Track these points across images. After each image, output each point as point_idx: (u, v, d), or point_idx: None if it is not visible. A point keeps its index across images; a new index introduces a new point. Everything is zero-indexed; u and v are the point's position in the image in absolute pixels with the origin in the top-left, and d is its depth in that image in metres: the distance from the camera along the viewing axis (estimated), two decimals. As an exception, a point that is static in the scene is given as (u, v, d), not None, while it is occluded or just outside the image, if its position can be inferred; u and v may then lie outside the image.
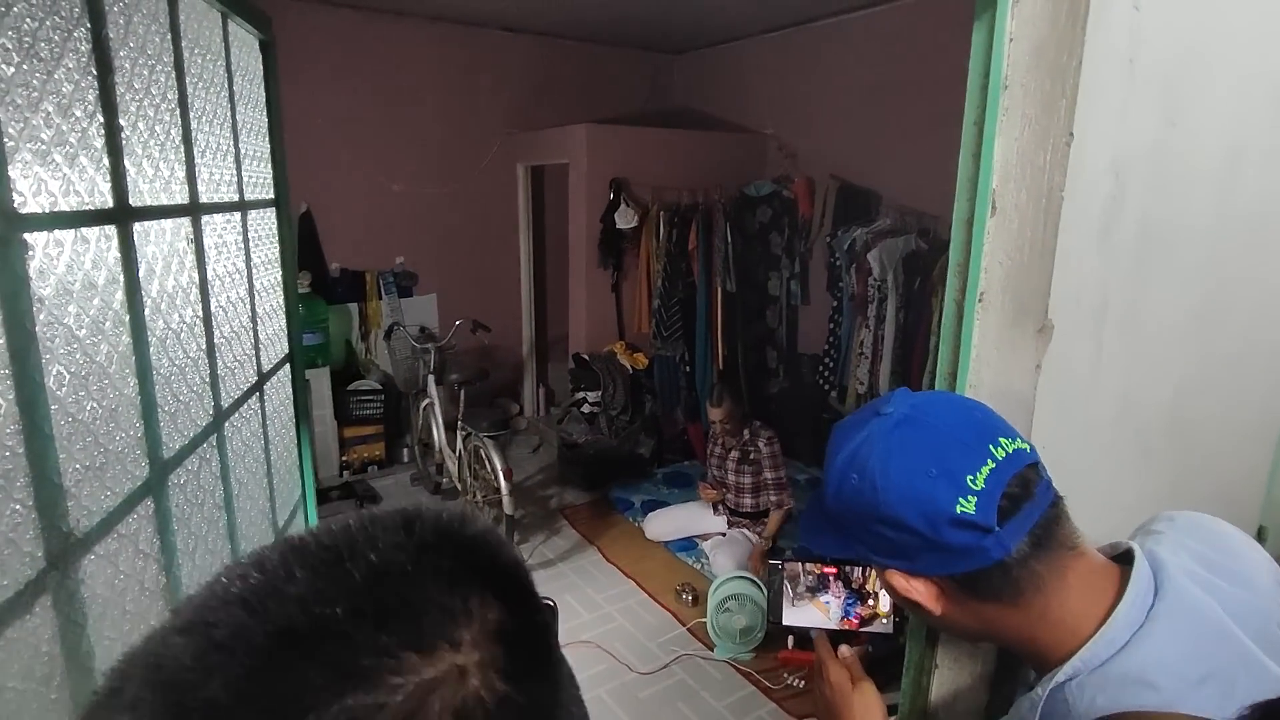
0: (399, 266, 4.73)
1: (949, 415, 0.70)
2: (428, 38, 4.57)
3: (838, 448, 0.73)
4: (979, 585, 0.67)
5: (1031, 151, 0.96)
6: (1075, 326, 1.02)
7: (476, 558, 0.36)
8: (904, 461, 0.66)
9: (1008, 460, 0.66)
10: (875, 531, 0.69)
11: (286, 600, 0.31)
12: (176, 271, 1.03)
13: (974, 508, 0.63)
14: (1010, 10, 0.93)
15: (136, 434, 0.89)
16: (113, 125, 0.83)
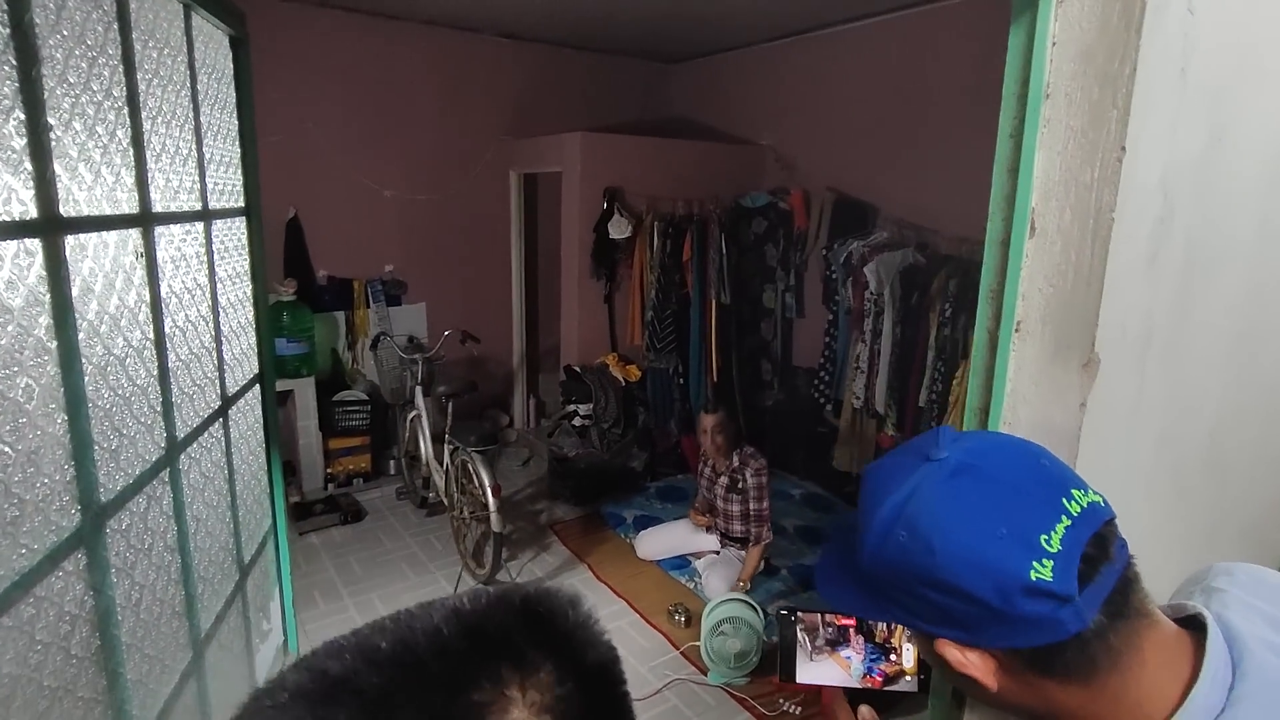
0: (388, 274, 4.62)
1: (1012, 463, 0.61)
2: (421, 42, 4.48)
3: (877, 498, 0.63)
4: (1048, 661, 0.58)
5: (1077, 167, 0.87)
6: (1120, 359, 0.93)
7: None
8: (966, 519, 0.57)
9: (1083, 516, 0.57)
10: (926, 598, 0.59)
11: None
12: (122, 290, 0.92)
13: (1051, 574, 0.54)
14: (1053, 11, 0.83)
15: (65, 478, 0.78)
16: (38, 124, 0.73)
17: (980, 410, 0.96)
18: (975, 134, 3.73)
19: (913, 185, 4.07)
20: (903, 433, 3.90)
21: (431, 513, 4.09)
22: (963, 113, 3.84)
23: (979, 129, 3.83)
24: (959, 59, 3.83)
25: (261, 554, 1.50)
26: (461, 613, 0.40)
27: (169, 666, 1.03)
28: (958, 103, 3.85)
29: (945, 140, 3.92)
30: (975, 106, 3.76)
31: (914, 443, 0.67)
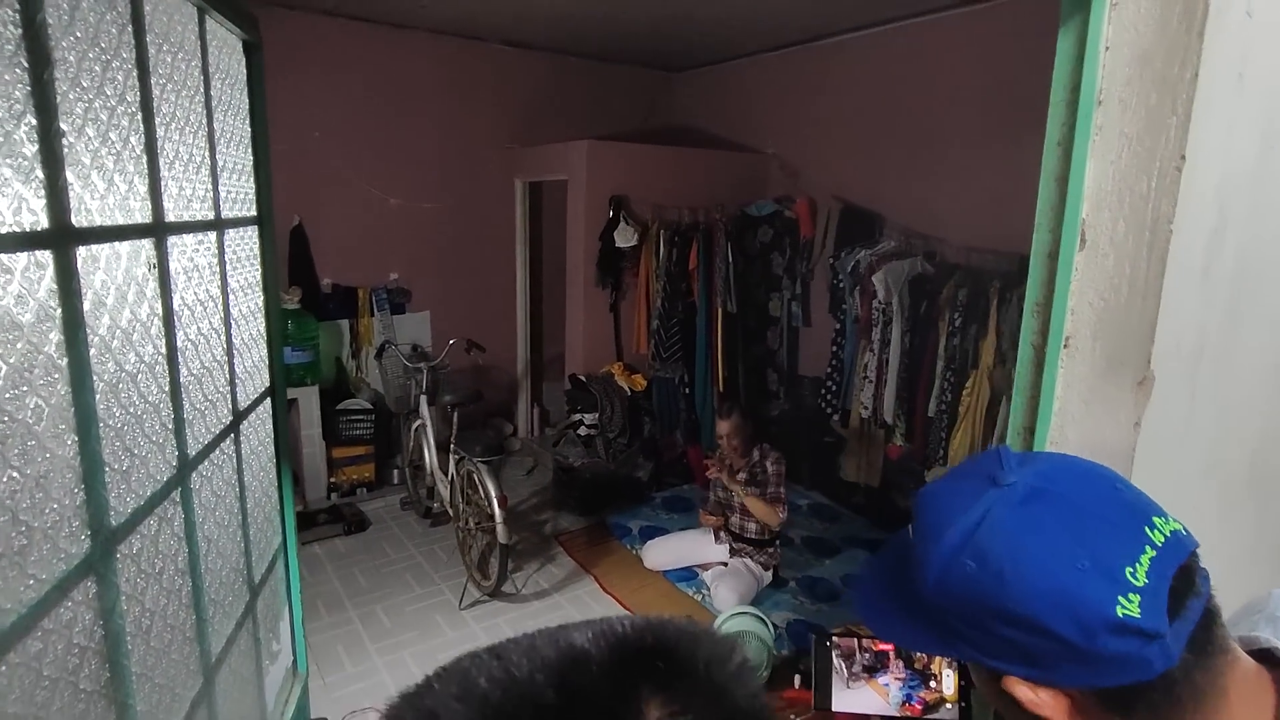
0: (393, 282, 4.59)
1: (1088, 488, 0.58)
2: (427, 50, 4.47)
3: (938, 525, 0.59)
4: (1130, 701, 0.54)
5: (1132, 177, 0.83)
6: (1173, 376, 0.89)
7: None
8: (1044, 549, 0.54)
9: (1168, 546, 0.54)
10: (997, 633, 0.56)
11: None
12: (134, 303, 0.88)
13: (1138, 609, 0.51)
14: (1106, 14, 0.80)
15: (75, 502, 0.74)
16: (49, 129, 0.69)
17: (1025, 429, 0.92)
18: (981, 142, 3.74)
19: (919, 194, 4.05)
20: (911, 443, 3.86)
21: (436, 523, 4.04)
22: (968, 121, 3.82)
23: (985, 137, 3.82)
24: (963, 67, 3.82)
25: (271, 572, 1.46)
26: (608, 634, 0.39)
27: (179, 695, 0.99)
28: (963, 111, 3.83)
29: (951, 149, 3.90)
30: (981, 115, 3.75)
31: (972, 466, 0.64)
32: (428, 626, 3.15)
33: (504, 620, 3.21)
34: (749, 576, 3.34)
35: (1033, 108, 3.16)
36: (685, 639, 0.40)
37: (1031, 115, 3.39)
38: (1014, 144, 3.59)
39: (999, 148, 3.67)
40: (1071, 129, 0.84)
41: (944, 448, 3.62)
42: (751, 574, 3.35)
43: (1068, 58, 0.85)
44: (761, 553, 3.41)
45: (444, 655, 1.66)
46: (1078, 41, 0.82)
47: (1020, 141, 3.54)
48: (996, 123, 3.69)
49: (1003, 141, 3.65)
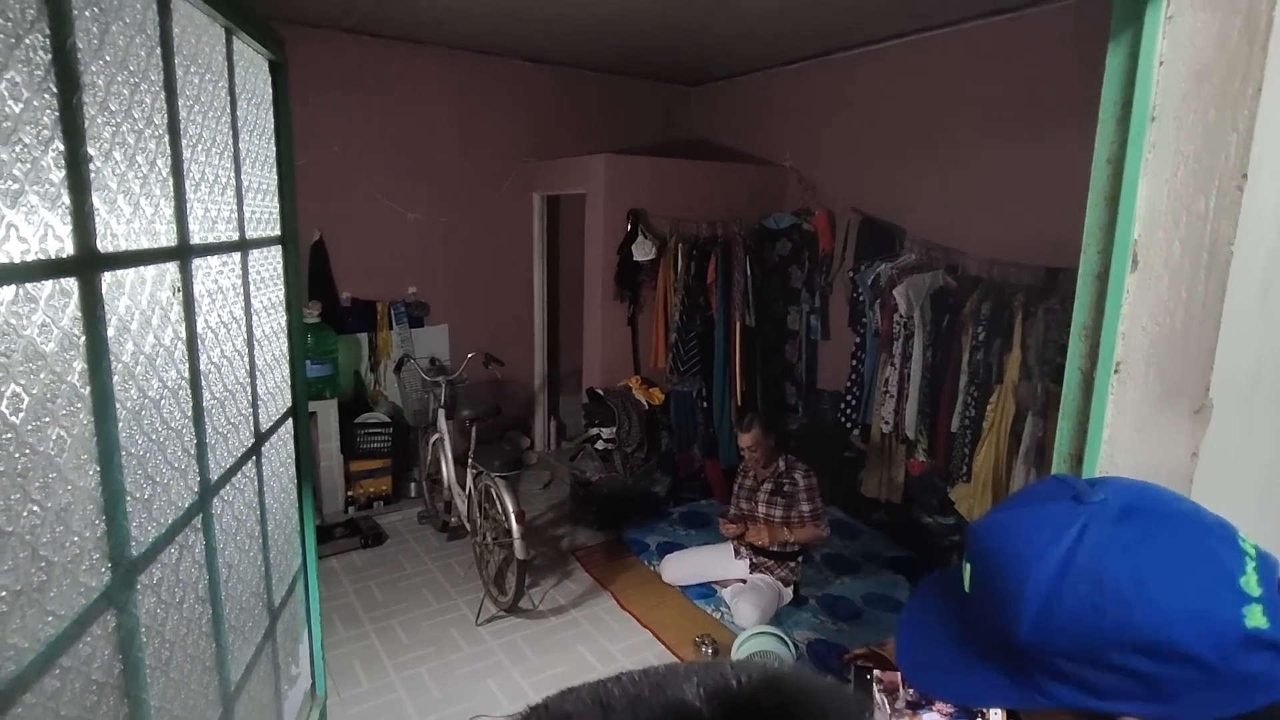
0: (411, 296, 4.60)
1: (1174, 501, 0.54)
2: (445, 66, 4.50)
3: (1026, 555, 0.54)
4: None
5: (1189, 196, 0.79)
6: (1230, 403, 0.85)
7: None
8: (1166, 565, 0.49)
9: (1261, 557, 0.51)
10: (1118, 665, 0.50)
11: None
12: (158, 327, 0.87)
13: (1265, 619, 0.47)
14: (1161, 28, 0.76)
15: (95, 534, 0.73)
16: (77, 155, 0.68)
17: (1072, 456, 0.89)
18: (1002, 154, 3.69)
19: (940, 206, 4.01)
20: (934, 459, 3.80)
21: (453, 537, 4.03)
22: (988, 132, 3.78)
23: (1006, 149, 3.77)
24: (983, 79, 3.78)
25: (291, 594, 1.44)
26: (719, 691, 0.36)
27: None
28: (983, 122, 3.79)
29: (971, 161, 3.86)
30: (1001, 126, 3.71)
31: (1038, 491, 0.59)
32: (444, 642, 3.13)
33: (521, 637, 3.18)
34: (770, 593, 3.29)
35: (1055, 118, 3.13)
36: (806, 698, 0.37)
37: (1054, 125, 3.36)
38: (1037, 155, 3.56)
39: (1021, 159, 3.63)
40: (1122, 146, 0.81)
41: (967, 464, 3.56)
42: (772, 590, 3.31)
43: (1118, 73, 0.82)
44: (783, 567, 3.36)
45: (461, 672, 1.63)
46: (1129, 56, 0.79)
47: (1043, 153, 3.52)
48: (1018, 134, 3.65)
49: (1025, 153, 3.61)
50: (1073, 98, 3.41)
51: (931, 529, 3.90)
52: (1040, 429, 3.29)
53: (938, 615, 0.66)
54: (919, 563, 3.83)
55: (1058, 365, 3.20)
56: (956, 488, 3.66)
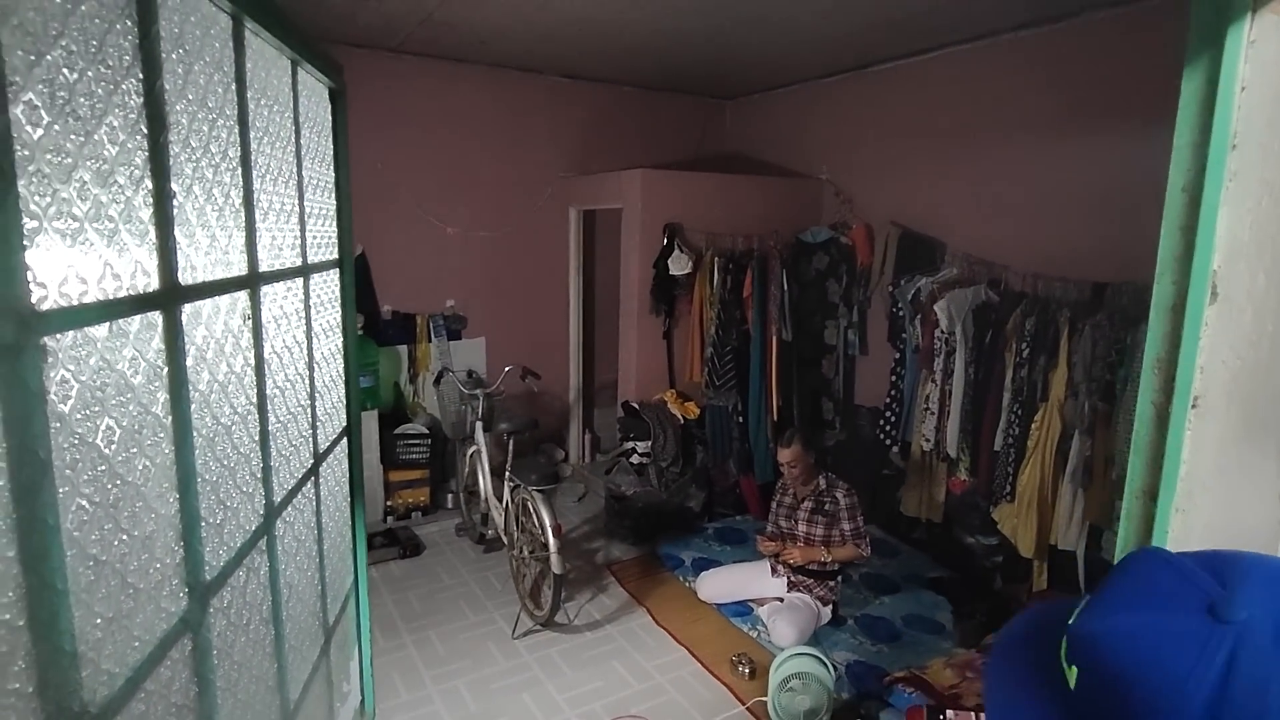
0: (449, 309, 4.66)
1: None
2: (485, 83, 4.57)
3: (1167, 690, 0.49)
4: None
5: (1274, 227, 0.76)
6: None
7: None
8: None
9: None
10: None
11: None
12: (230, 355, 0.90)
13: None
14: (1243, 54, 0.74)
15: (174, 560, 0.75)
16: (163, 192, 0.70)
17: (1145, 494, 0.86)
18: (1045, 166, 3.62)
19: (980, 220, 3.94)
20: (976, 477, 3.72)
21: (489, 549, 4.06)
22: (1027, 145, 3.71)
23: (1048, 161, 3.70)
24: (1019, 92, 3.73)
25: (344, 612, 1.46)
26: None
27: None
28: (1021, 135, 3.73)
29: (1010, 174, 3.79)
30: (1042, 138, 3.64)
31: (1156, 588, 0.53)
32: (481, 655, 3.14)
33: (556, 651, 3.18)
34: (808, 611, 3.25)
35: (1096, 129, 3.06)
36: None
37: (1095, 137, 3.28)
38: (1078, 168, 3.49)
39: (1062, 171, 3.56)
40: (1199, 175, 0.79)
41: (1010, 483, 3.48)
42: (811, 609, 3.27)
43: (1194, 99, 0.80)
44: (822, 585, 3.32)
45: (497, 686, 1.63)
46: (1207, 82, 0.77)
47: (1085, 165, 3.45)
48: (1058, 146, 3.58)
49: (1066, 165, 3.54)
50: (1114, 108, 3.34)
51: (973, 549, 3.82)
52: (1087, 448, 3.21)
53: (1035, 697, 0.60)
54: (959, 583, 3.75)
55: (1106, 383, 3.12)
56: (1000, 507, 3.58)
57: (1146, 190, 3.28)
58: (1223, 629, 0.48)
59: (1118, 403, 3.07)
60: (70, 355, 0.57)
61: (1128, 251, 3.29)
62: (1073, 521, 3.32)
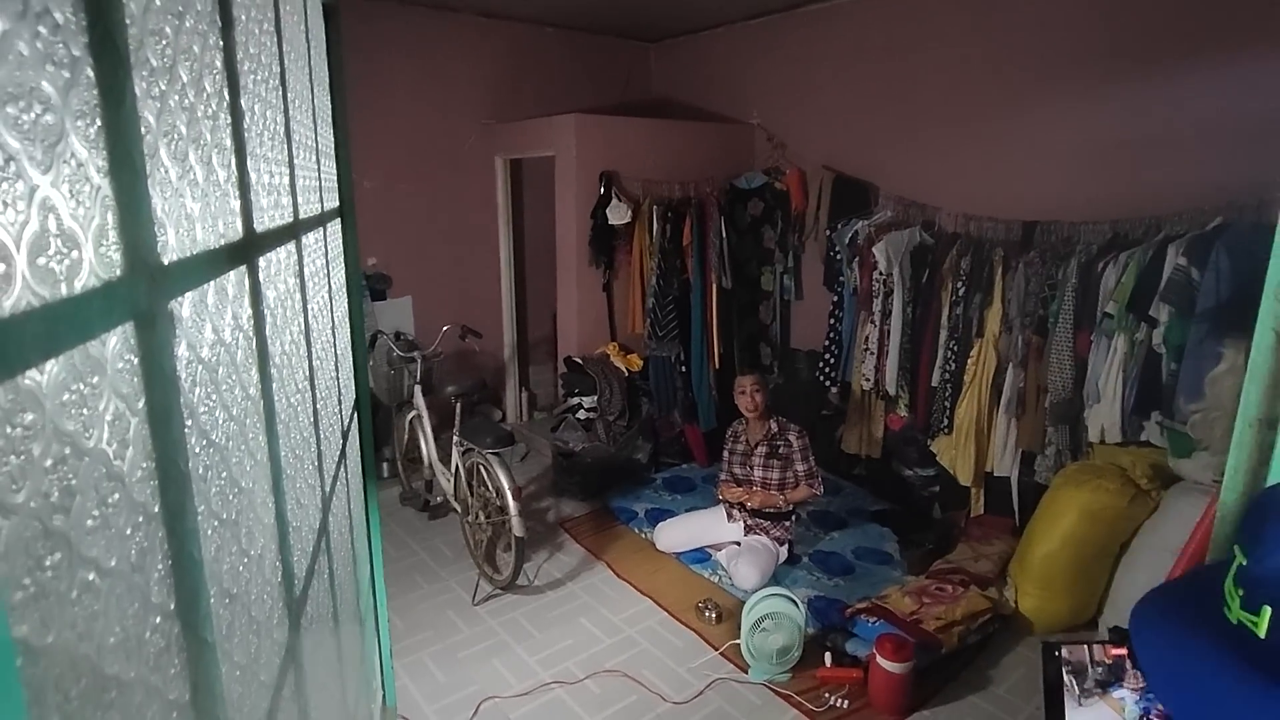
0: (371, 268, 4.34)
1: None
2: (395, 23, 4.20)
3: None
4: None
5: None
6: None
7: None
8: None
9: None
10: None
11: None
12: (291, 320, 0.73)
13: None
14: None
15: (277, 579, 0.60)
16: (237, 108, 0.54)
17: (1262, 421, 0.86)
18: (975, 108, 3.71)
19: (913, 162, 4.02)
20: (914, 413, 3.87)
21: (434, 516, 3.90)
22: (958, 88, 3.79)
23: (978, 102, 3.79)
24: (951, 36, 3.78)
25: (367, 605, 1.31)
26: None
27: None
28: (953, 77, 3.80)
29: (941, 117, 3.87)
30: (973, 79, 3.72)
31: None
32: (442, 625, 3.03)
33: (521, 614, 3.11)
34: (767, 553, 3.32)
35: (1027, 74, 3.14)
36: None
37: (1025, 81, 3.37)
38: (1008, 112, 3.59)
39: (994, 113, 3.65)
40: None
41: (948, 416, 3.64)
42: (769, 550, 3.34)
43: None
44: (778, 526, 3.39)
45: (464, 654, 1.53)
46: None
47: (1015, 109, 3.55)
48: (988, 90, 3.67)
49: (998, 106, 3.63)
50: (1047, 54, 3.44)
51: (911, 481, 4.00)
52: (1021, 380, 3.39)
53: (1200, 648, 0.59)
54: (901, 514, 3.92)
55: (1038, 317, 3.28)
56: (938, 440, 3.74)
57: (1074, 133, 3.41)
58: None
59: (1049, 336, 3.24)
60: (191, 326, 0.42)
61: (1055, 191, 3.44)
62: (1007, 449, 3.52)
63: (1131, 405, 2.97)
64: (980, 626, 2.83)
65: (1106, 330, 3.02)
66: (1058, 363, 3.21)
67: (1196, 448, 2.74)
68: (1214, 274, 2.66)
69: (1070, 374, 3.15)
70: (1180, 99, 3.02)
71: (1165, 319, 2.82)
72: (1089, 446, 3.19)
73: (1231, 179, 2.81)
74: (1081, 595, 2.90)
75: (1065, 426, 3.26)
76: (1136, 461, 2.95)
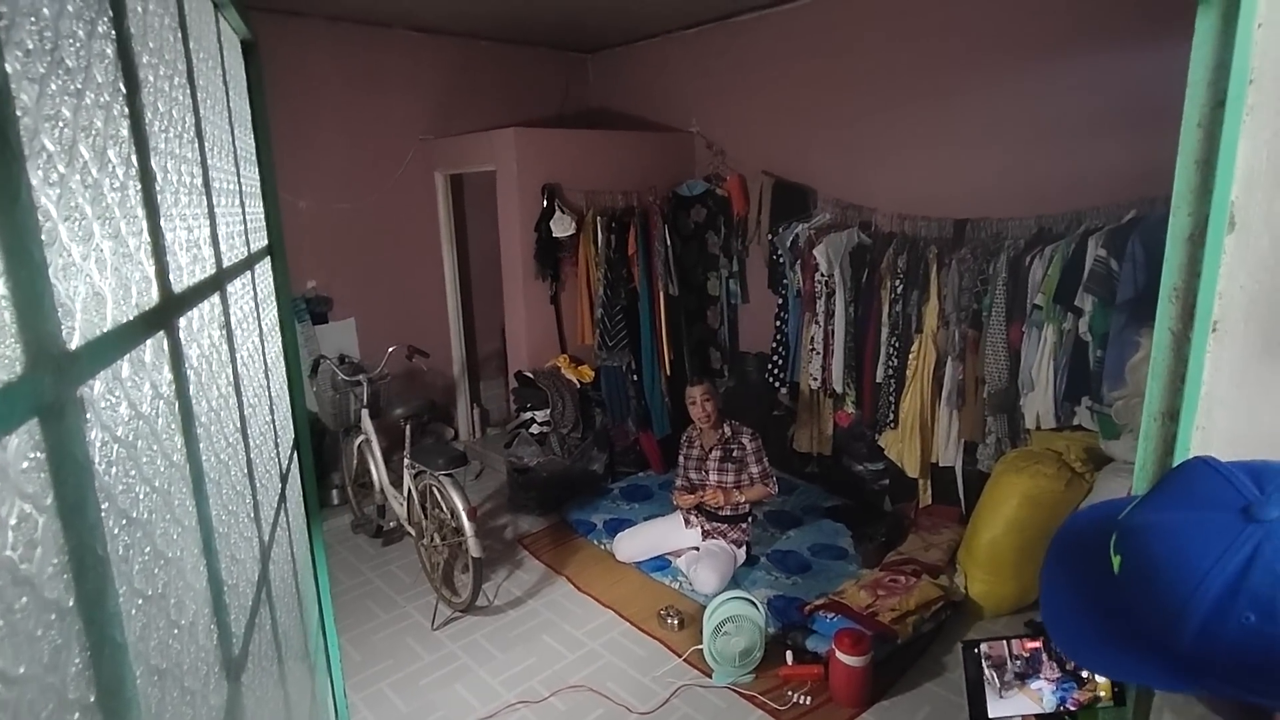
0: (310, 291, 4.24)
1: None
2: (326, 40, 4.10)
3: (1187, 570, 0.54)
4: None
5: (1292, 157, 0.81)
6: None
7: None
8: None
9: None
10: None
11: None
12: (217, 373, 0.71)
13: None
14: (1262, -11, 0.77)
15: (212, 643, 0.58)
16: (147, 171, 0.52)
17: (1165, 414, 0.92)
18: (903, 111, 3.83)
19: (846, 166, 4.13)
20: (861, 409, 3.97)
21: (388, 542, 3.83)
22: (884, 92, 3.90)
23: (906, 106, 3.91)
24: (876, 41, 3.89)
25: (317, 647, 1.27)
26: None
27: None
28: (878, 82, 3.91)
29: (870, 120, 3.98)
30: (900, 83, 3.84)
31: (1196, 490, 0.59)
32: (402, 653, 2.98)
33: (482, 635, 3.08)
34: (725, 556, 3.35)
35: (949, 75, 3.25)
36: None
37: (948, 82, 3.49)
38: (933, 113, 3.72)
39: (923, 112, 3.77)
40: (1214, 109, 0.82)
41: (894, 411, 3.74)
42: (727, 554, 3.37)
43: (1210, 35, 0.83)
44: (735, 529, 3.43)
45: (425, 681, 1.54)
46: (1223, 18, 0.80)
47: (939, 110, 3.68)
48: (914, 92, 3.79)
49: (926, 106, 3.75)
50: (969, 49, 3.57)
51: (862, 476, 4.10)
52: (960, 373, 3.50)
53: (1080, 585, 0.65)
54: (854, 509, 4.01)
55: (973, 311, 3.40)
56: (885, 434, 3.84)
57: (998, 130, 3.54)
58: (1252, 527, 0.52)
59: (984, 329, 3.36)
60: (105, 406, 0.41)
61: (983, 188, 3.57)
62: (950, 440, 3.63)
63: (1063, 392, 3.11)
64: (933, 615, 2.91)
65: (1036, 321, 3.14)
66: (993, 354, 3.33)
67: (1123, 430, 2.87)
68: (1131, 264, 2.80)
69: (1005, 365, 3.27)
70: (1096, 85, 3.14)
71: (1089, 309, 2.95)
72: (1026, 433, 3.31)
73: (1143, 170, 2.95)
74: (1027, 577, 3.01)
75: (1003, 415, 3.38)
76: (1071, 445, 3.08)
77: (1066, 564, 0.72)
